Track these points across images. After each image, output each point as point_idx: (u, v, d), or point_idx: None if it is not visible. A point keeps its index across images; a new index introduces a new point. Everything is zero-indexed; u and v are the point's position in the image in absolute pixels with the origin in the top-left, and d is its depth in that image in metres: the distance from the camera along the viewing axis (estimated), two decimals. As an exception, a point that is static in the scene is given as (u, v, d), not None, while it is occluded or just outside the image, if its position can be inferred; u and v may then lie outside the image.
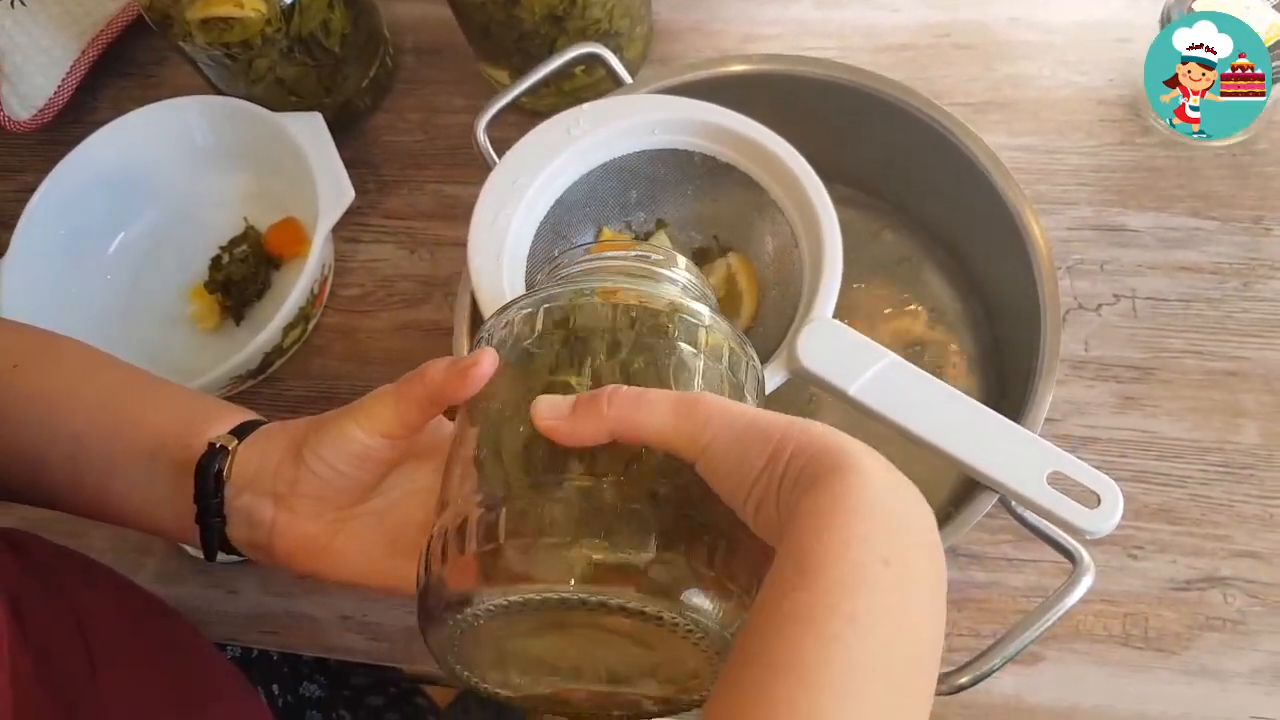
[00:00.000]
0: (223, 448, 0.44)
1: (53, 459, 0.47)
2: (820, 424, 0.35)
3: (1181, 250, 0.67)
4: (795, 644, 0.30)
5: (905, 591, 0.32)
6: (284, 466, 0.43)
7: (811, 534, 0.32)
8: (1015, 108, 0.73)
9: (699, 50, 0.79)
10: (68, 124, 0.86)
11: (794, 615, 0.30)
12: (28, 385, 0.49)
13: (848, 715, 0.29)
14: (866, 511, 0.32)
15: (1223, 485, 0.61)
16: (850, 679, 0.29)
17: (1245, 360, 0.64)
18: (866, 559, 0.31)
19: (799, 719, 0.28)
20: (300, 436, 0.44)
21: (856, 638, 0.30)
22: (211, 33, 0.69)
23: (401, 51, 0.85)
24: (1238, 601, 0.58)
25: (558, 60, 0.62)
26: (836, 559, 0.31)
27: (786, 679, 0.29)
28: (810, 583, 0.31)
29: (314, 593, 0.68)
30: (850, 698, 0.29)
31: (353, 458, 0.42)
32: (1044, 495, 0.47)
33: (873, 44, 0.77)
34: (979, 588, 0.61)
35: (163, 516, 0.46)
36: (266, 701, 0.72)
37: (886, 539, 0.32)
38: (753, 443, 0.34)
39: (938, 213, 0.69)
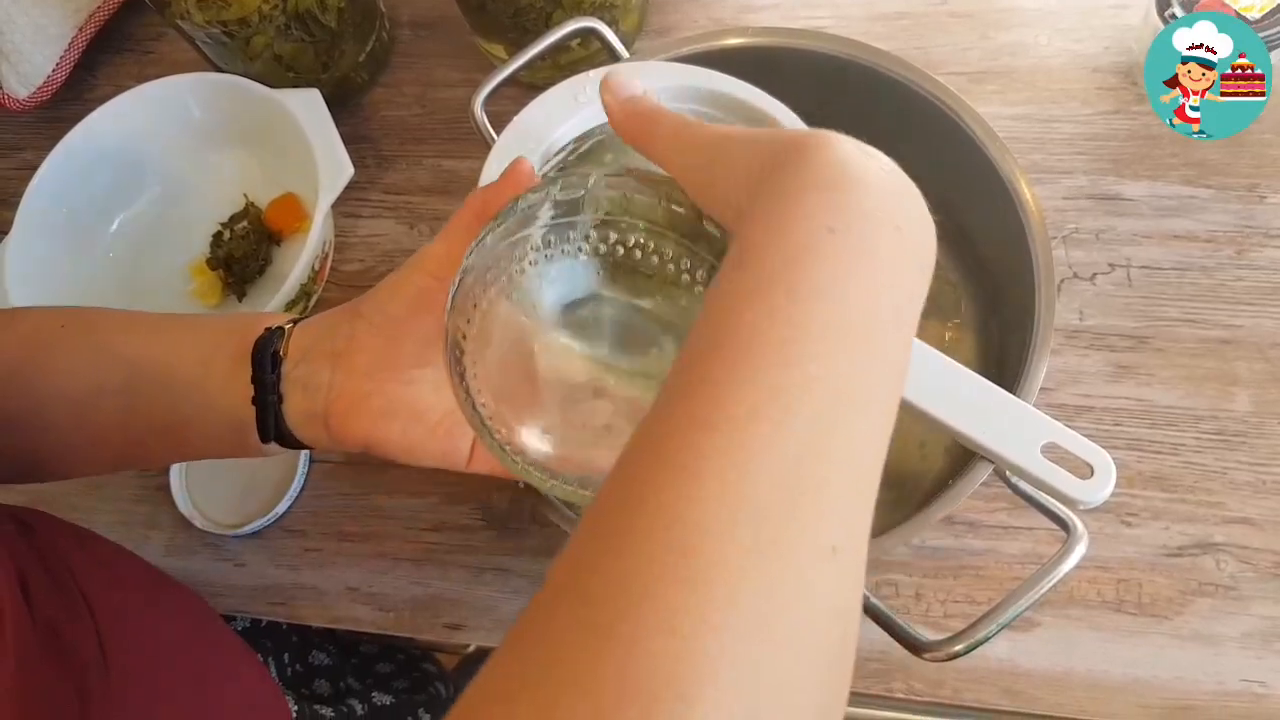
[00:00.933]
0: (279, 328, 0.46)
1: (107, 390, 0.47)
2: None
3: (1176, 219, 0.68)
4: (732, 319, 0.28)
5: (855, 262, 0.29)
6: (341, 325, 0.44)
7: (759, 216, 0.30)
8: (1011, 76, 0.73)
9: (695, 20, 0.79)
10: (67, 101, 0.87)
11: (731, 294, 0.29)
12: (77, 334, 0.49)
13: (792, 381, 0.27)
14: (818, 185, 0.30)
15: (1215, 452, 0.62)
16: (790, 350, 0.28)
17: (1239, 329, 0.64)
18: (811, 229, 0.29)
19: (738, 384, 0.27)
20: (357, 300, 0.45)
21: (798, 309, 0.28)
22: (209, 11, 0.69)
23: (398, 25, 0.85)
24: (1230, 567, 0.59)
25: (553, 35, 0.62)
26: (778, 234, 0.29)
27: (722, 354, 0.28)
28: (750, 260, 0.29)
29: (321, 566, 0.69)
30: (795, 367, 0.27)
31: (409, 302, 0.43)
32: (1038, 466, 0.47)
33: (869, 12, 0.77)
34: (975, 555, 0.62)
35: (217, 422, 0.46)
36: (276, 671, 0.73)
37: (834, 210, 0.30)
38: (719, 159, 0.34)
39: (936, 182, 0.68)
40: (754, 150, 0.33)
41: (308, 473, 0.71)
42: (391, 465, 0.70)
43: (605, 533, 0.26)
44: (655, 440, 0.27)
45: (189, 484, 0.72)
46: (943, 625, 0.61)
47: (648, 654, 0.23)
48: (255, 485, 0.71)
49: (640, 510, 0.26)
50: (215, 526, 0.70)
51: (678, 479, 0.26)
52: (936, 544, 0.63)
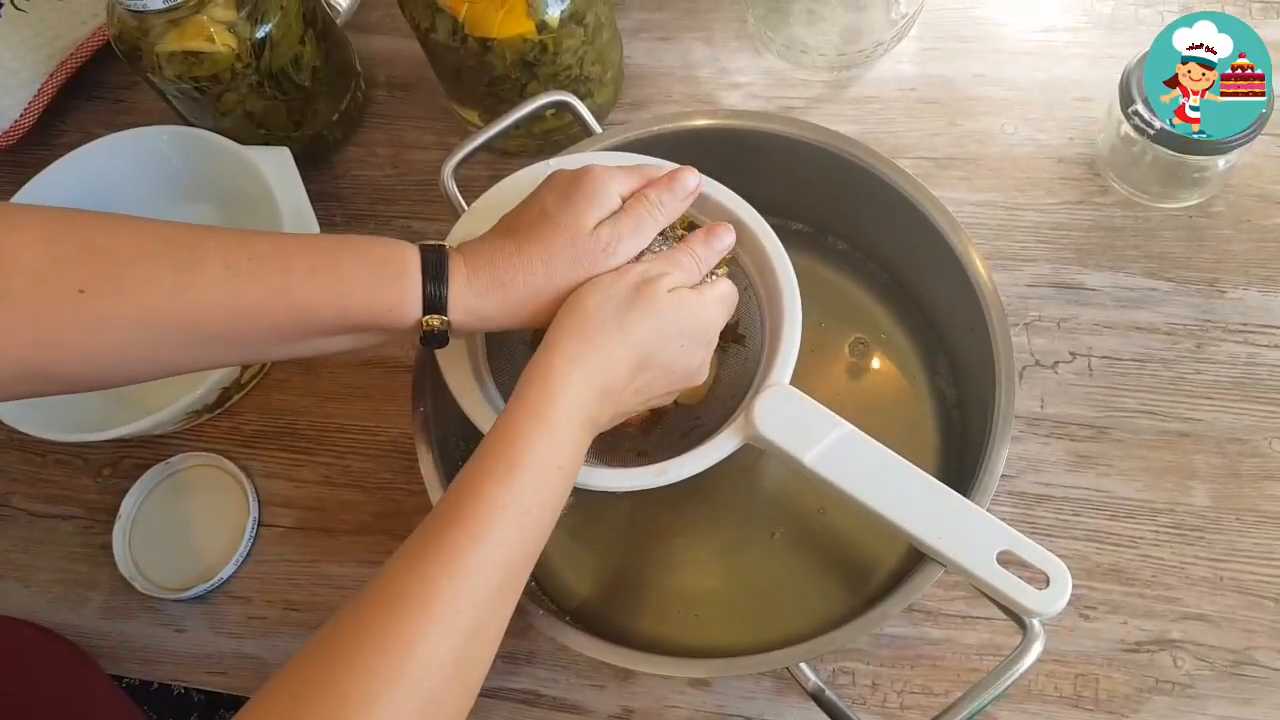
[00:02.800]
0: (440, 330, 0.48)
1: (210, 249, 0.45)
2: None
3: (1137, 310, 0.68)
4: None
5: None
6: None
7: None
8: (977, 163, 0.74)
9: (669, 95, 0.80)
10: (34, 147, 0.86)
11: None
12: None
13: None
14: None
15: (1173, 546, 0.62)
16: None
17: (1197, 422, 0.65)
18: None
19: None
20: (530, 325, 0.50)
21: None
22: (181, 66, 0.69)
23: (374, 85, 0.85)
24: (1187, 665, 0.59)
25: (527, 107, 0.62)
26: None
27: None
28: None
29: (265, 635, 0.67)
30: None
31: None
32: (993, 575, 0.47)
33: (840, 96, 0.78)
34: (933, 644, 0.61)
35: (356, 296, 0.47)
36: None
37: None
38: None
39: (899, 264, 0.69)
40: None
41: (255, 537, 0.69)
42: (341, 531, 0.69)
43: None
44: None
45: (132, 544, 0.70)
46: (899, 716, 0.60)
47: None
48: (200, 548, 0.69)
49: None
50: (156, 590, 0.68)
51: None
52: (894, 632, 0.62)
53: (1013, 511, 0.64)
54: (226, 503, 0.70)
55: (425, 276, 0.47)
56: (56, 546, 0.72)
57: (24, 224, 0.43)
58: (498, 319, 0.48)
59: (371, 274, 0.46)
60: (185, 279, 0.43)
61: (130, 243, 0.44)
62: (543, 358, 0.46)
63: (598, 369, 0.46)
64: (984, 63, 0.78)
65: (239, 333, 0.45)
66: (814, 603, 0.62)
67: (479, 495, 0.42)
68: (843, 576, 0.64)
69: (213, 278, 0.44)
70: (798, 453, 0.50)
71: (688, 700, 0.62)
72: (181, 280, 0.43)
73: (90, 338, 0.43)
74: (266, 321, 0.45)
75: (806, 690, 0.51)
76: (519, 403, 0.45)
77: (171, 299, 0.43)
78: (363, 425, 0.72)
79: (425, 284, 0.47)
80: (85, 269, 0.42)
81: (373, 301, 0.46)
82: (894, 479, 0.50)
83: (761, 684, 0.62)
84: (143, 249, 0.44)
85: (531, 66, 0.69)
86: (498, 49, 0.67)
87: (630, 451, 0.59)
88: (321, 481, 0.71)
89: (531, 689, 0.64)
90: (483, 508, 0.42)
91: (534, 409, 0.44)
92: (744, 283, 0.58)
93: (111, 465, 0.74)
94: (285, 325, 0.46)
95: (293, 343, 0.47)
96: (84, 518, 0.73)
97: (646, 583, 0.65)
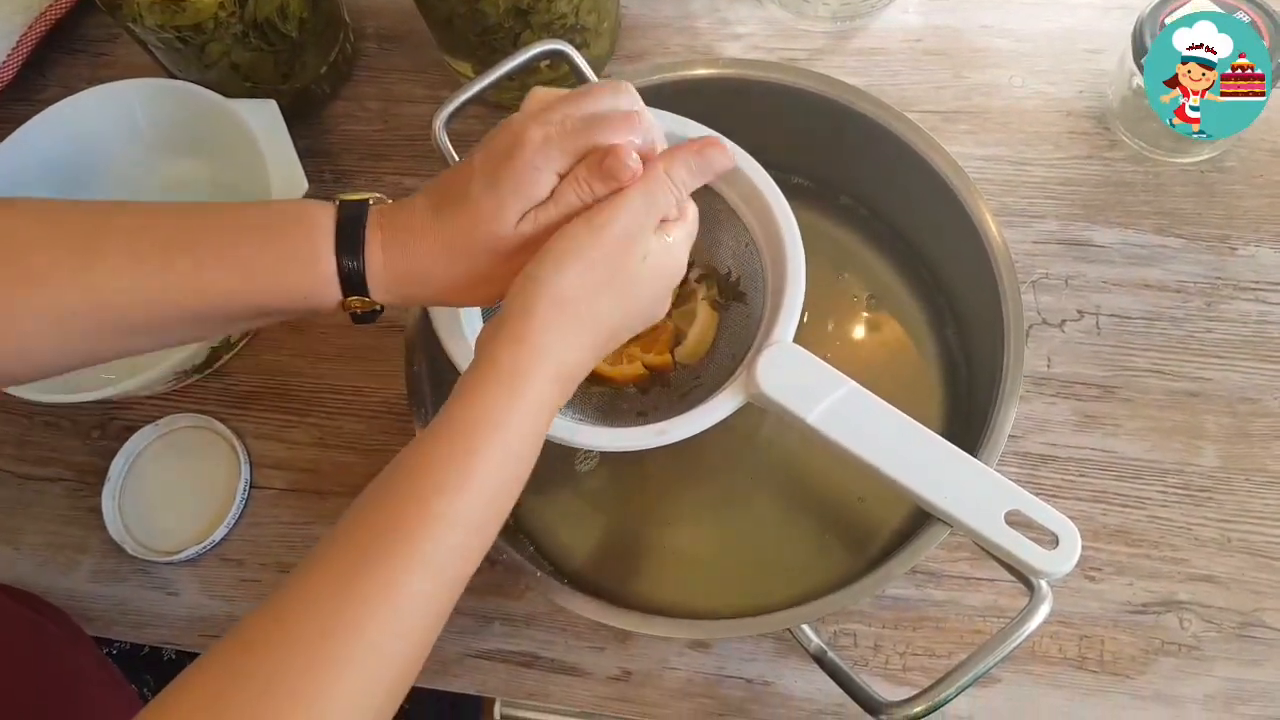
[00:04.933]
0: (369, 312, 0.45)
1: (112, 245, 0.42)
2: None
3: (1146, 267, 0.67)
4: None
5: None
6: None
7: None
8: (984, 117, 0.72)
9: (666, 47, 0.78)
10: (13, 102, 0.84)
11: None
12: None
13: None
14: None
15: (1181, 508, 0.61)
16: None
17: (1207, 381, 0.63)
18: None
19: None
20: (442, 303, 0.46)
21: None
22: (162, 15, 0.66)
23: (363, 38, 0.82)
24: (1193, 626, 0.58)
25: (521, 57, 0.60)
26: None
27: None
28: None
29: (258, 598, 0.66)
30: None
31: None
32: (1002, 534, 0.46)
33: (843, 47, 0.76)
34: (936, 606, 0.60)
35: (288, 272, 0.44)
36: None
37: None
38: None
39: (905, 220, 0.68)
40: None
41: (247, 499, 0.68)
42: (334, 493, 0.68)
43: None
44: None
45: (122, 507, 0.68)
46: (901, 679, 0.59)
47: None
48: (191, 510, 0.68)
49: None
50: (147, 552, 0.67)
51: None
52: (896, 594, 0.61)
53: (1018, 471, 0.62)
54: (217, 464, 0.69)
55: (340, 255, 0.43)
56: (45, 509, 0.71)
57: None
58: (424, 299, 0.45)
59: (279, 258, 0.43)
60: (89, 267, 0.41)
61: (30, 231, 0.42)
62: (507, 351, 0.41)
63: (566, 361, 0.42)
64: (991, 13, 0.75)
65: (152, 323, 0.43)
66: (815, 564, 0.62)
67: (423, 508, 0.38)
68: (845, 537, 0.63)
69: (116, 267, 0.41)
70: (801, 411, 0.49)
71: (687, 662, 0.61)
72: (84, 268, 0.41)
73: (4, 332, 0.41)
74: (177, 313, 0.43)
75: (808, 652, 0.50)
76: (476, 402, 0.40)
77: (75, 289, 0.41)
78: (355, 386, 0.71)
79: (341, 264, 0.43)
80: None
81: (287, 287, 0.43)
82: (900, 438, 0.48)
83: (762, 645, 0.61)
84: (42, 237, 0.42)
85: (525, 14, 0.66)
86: (490, -4, 0.64)
87: (630, 412, 0.58)
88: (314, 443, 0.70)
89: (530, 651, 0.63)
90: (428, 524, 0.38)
91: (499, 414, 0.40)
92: (745, 239, 0.56)
93: (100, 427, 0.72)
94: (199, 314, 0.43)
95: (216, 329, 0.45)
96: (73, 480, 0.71)
97: (645, 544, 0.64)
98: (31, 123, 0.72)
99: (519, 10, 0.66)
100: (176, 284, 0.42)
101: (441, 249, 0.44)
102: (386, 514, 0.38)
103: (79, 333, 0.42)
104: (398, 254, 0.44)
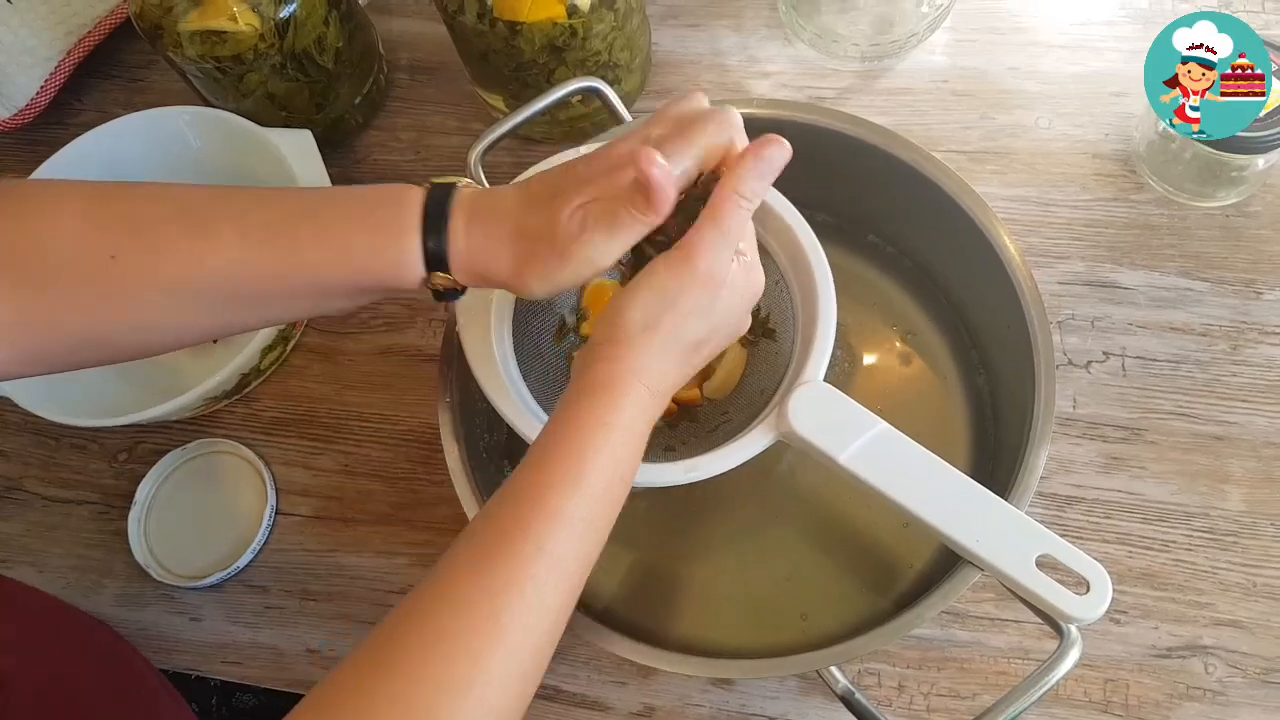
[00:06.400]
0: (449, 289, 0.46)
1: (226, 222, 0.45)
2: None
3: (1172, 310, 0.67)
4: None
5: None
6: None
7: None
8: (1010, 157, 0.73)
9: (697, 83, 0.78)
10: (50, 125, 0.85)
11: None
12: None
13: None
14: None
15: (1207, 552, 0.61)
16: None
17: (1233, 425, 0.64)
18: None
19: None
20: (514, 285, 0.46)
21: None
22: (203, 46, 0.68)
23: (396, 69, 0.83)
24: (1219, 672, 0.58)
25: (555, 94, 0.61)
26: None
27: None
28: None
29: (281, 625, 0.66)
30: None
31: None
32: (1033, 579, 0.46)
33: (871, 87, 0.76)
34: (960, 646, 0.60)
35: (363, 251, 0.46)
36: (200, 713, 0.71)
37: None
38: None
39: (933, 259, 0.68)
40: None
41: (272, 525, 0.68)
42: (359, 520, 0.68)
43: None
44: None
45: (147, 531, 0.69)
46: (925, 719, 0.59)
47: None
48: (217, 536, 0.68)
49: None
50: (172, 578, 0.67)
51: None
52: (921, 633, 0.61)
53: (1045, 513, 0.63)
54: (244, 490, 0.70)
55: (425, 233, 0.45)
56: (70, 532, 0.71)
57: (67, 194, 0.45)
58: (499, 281, 0.46)
59: (371, 234, 0.45)
60: (199, 245, 0.44)
61: (153, 209, 0.45)
62: (603, 367, 0.43)
63: (659, 377, 0.44)
64: (1018, 55, 0.76)
65: (258, 297, 0.46)
66: (837, 599, 0.62)
67: (543, 506, 0.40)
68: (868, 574, 0.63)
69: (227, 244, 0.44)
70: (832, 451, 0.49)
71: (711, 699, 0.61)
72: (195, 246, 0.44)
73: (127, 302, 0.44)
74: (282, 287, 0.45)
75: (835, 692, 0.50)
76: (580, 410, 0.43)
77: (189, 264, 0.44)
78: (382, 414, 0.71)
79: (426, 241, 0.45)
80: (115, 235, 0.43)
81: (378, 263, 0.45)
82: (932, 479, 0.49)
83: (786, 684, 0.61)
84: (162, 215, 0.45)
85: (560, 51, 0.67)
86: (526, 33, 0.65)
87: (657, 447, 0.58)
88: (340, 470, 0.70)
89: (551, 684, 0.63)
90: (547, 519, 0.40)
91: (602, 417, 0.42)
92: (776, 275, 0.56)
93: (128, 450, 0.73)
94: (301, 289, 0.45)
95: (316, 304, 0.47)
96: (99, 503, 0.72)
97: (669, 578, 0.64)
98: (70, 146, 0.73)
99: (554, 47, 0.67)
100: (280, 261, 0.45)
101: (512, 229, 0.45)
102: (509, 513, 0.41)
103: (195, 307, 0.45)
104: (479, 236, 0.45)
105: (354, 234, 0.45)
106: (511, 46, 0.67)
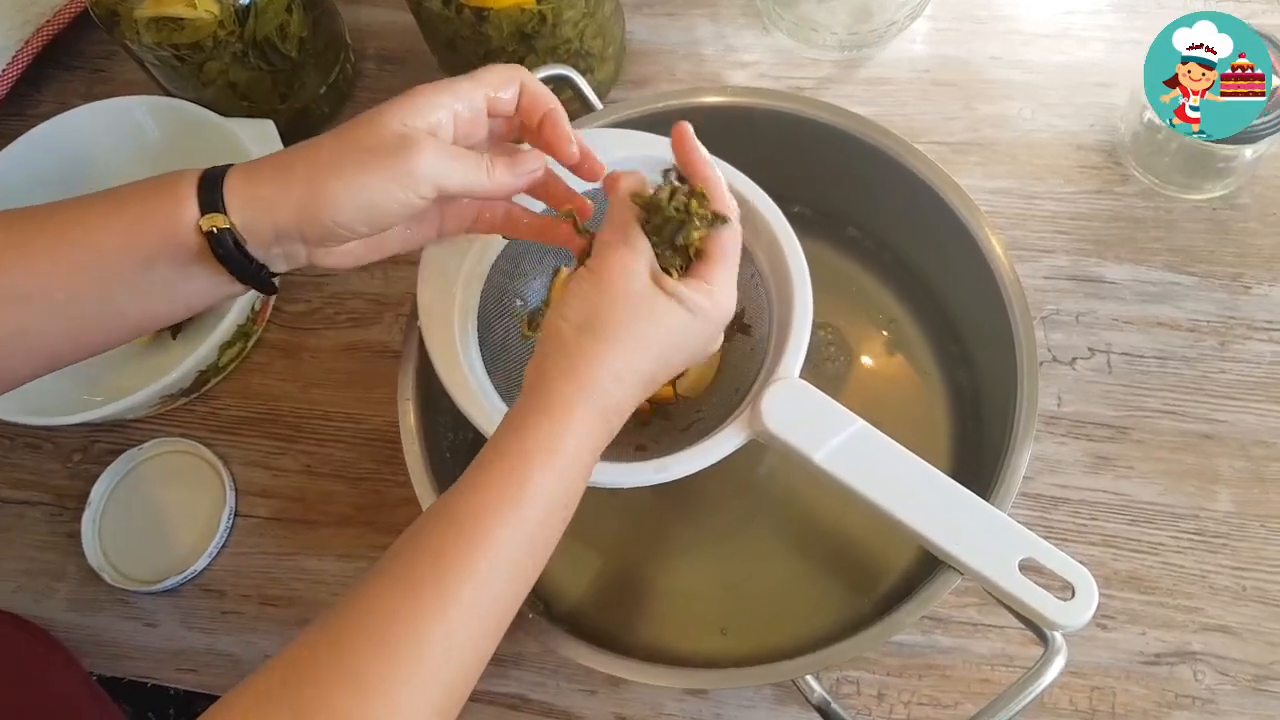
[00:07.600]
0: (223, 230, 0.43)
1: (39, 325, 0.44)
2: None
3: (1159, 305, 0.65)
4: None
5: None
6: (306, 228, 0.44)
7: None
8: (993, 149, 0.71)
9: (673, 73, 0.76)
10: (7, 117, 0.82)
11: None
12: None
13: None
14: None
15: (1195, 554, 0.59)
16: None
17: (1221, 424, 0.62)
18: None
19: None
20: (309, 199, 0.43)
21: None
22: (160, 32, 0.65)
23: (363, 58, 0.81)
24: (1208, 679, 0.56)
25: (523, 80, 0.59)
26: None
27: None
28: None
29: (239, 631, 0.64)
30: None
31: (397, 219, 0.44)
32: (1016, 584, 0.44)
33: (851, 76, 0.74)
34: (942, 653, 0.58)
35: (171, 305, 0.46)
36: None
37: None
38: None
39: (912, 252, 0.66)
40: None
41: (231, 528, 0.66)
42: (320, 523, 0.66)
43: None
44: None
45: (101, 534, 0.66)
46: (905, 729, 0.57)
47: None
48: (173, 539, 0.66)
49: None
50: (126, 581, 0.64)
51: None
52: (901, 640, 0.59)
53: (1028, 514, 0.61)
54: (202, 491, 0.67)
55: (202, 181, 0.43)
56: (22, 534, 0.69)
57: None
58: (279, 205, 0.43)
59: (145, 191, 0.44)
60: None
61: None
62: (553, 385, 0.42)
63: (608, 400, 0.42)
64: (1000, 44, 0.74)
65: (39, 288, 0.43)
66: (817, 604, 0.60)
67: (476, 529, 0.39)
68: (849, 577, 0.61)
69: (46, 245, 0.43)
70: (808, 450, 0.47)
71: (684, 708, 0.59)
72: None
73: None
74: (55, 266, 0.43)
75: (811, 702, 0.48)
76: (525, 431, 0.41)
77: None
78: (346, 412, 0.69)
79: (201, 187, 0.43)
80: None
81: (151, 213, 0.43)
82: (910, 480, 0.47)
83: (762, 692, 0.59)
84: None
85: (529, 39, 0.65)
86: (494, 19, 0.63)
87: (628, 446, 0.56)
88: (302, 471, 0.68)
89: (518, 693, 0.61)
90: (481, 544, 0.38)
91: (546, 441, 0.41)
92: (751, 270, 0.54)
93: (82, 450, 0.71)
94: (80, 262, 0.43)
95: (101, 290, 0.44)
96: (52, 504, 0.69)
97: (641, 583, 0.62)
98: (26, 137, 0.71)
99: (523, 34, 0.65)
100: (54, 233, 0.43)
101: (309, 145, 0.44)
102: (442, 533, 0.39)
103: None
104: (265, 164, 0.44)
105: (128, 193, 0.44)
106: (479, 33, 0.64)
